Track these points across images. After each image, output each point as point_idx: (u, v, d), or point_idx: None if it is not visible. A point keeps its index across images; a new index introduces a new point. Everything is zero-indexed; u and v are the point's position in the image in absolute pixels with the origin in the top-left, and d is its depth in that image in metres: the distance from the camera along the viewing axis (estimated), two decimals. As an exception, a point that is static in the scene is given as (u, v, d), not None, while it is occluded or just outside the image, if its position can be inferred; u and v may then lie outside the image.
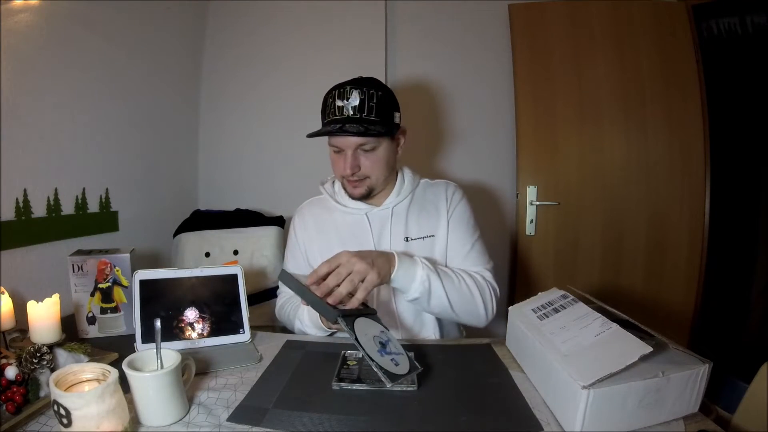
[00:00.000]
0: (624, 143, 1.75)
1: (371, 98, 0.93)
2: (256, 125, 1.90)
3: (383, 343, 0.72)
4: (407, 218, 1.03)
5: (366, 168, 0.97)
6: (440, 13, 1.86)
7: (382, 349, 0.70)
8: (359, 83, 0.94)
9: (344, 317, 0.71)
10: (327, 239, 1.04)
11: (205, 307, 0.89)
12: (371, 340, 0.70)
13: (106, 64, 1.32)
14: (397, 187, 1.05)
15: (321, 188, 1.10)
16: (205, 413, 0.63)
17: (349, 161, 0.95)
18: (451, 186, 1.10)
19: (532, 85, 1.78)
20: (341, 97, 0.93)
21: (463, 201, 1.07)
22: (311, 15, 1.84)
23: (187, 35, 1.80)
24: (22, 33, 1.03)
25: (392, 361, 0.68)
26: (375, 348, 0.69)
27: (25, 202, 1.06)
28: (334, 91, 0.95)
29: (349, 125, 0.90)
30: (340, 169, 0.98)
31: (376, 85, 0.96)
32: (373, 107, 0.93)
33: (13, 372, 0.63)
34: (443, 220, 1.03)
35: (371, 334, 0.72)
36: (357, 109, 0.92)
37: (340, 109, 0.92)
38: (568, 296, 0.79)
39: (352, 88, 0.93)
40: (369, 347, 0.68)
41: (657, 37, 1.71)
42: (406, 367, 0.70)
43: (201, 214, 1.67)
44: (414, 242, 1.01)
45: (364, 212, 1.03)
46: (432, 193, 1.08)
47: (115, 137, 1.39)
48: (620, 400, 0.57)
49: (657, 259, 1.75)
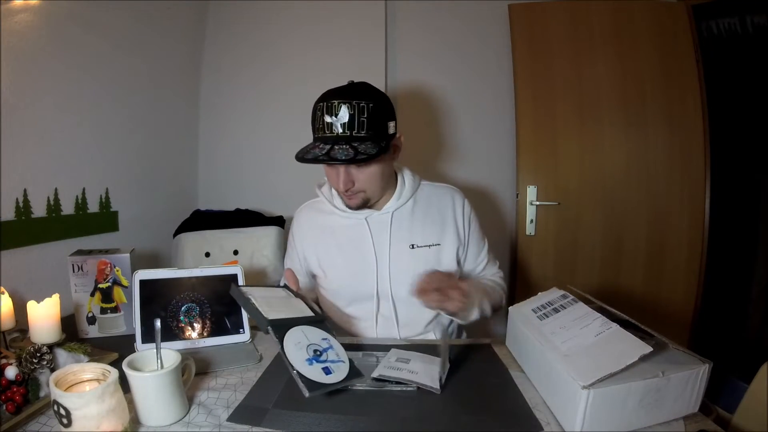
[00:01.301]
0: (624, 143, 1.75)
1: (362, 112, 0.85)
2: (256, 125, 1.91)
3: (319, 351, 0.71)
4: (411, 224, 1.01)
5: (360, 183, 0.92)
6: (440, 13, 1.87)
7: (315, 357, 0.69)
8: (349, 95, 0.87)
9: (277, 327, 0.70)
10: (324, 243, 1.03)
11: (205, 307, 0.89)
12: (303, 349, 0.69)
13: (106, 64, 1.32)
14: (398, 191, 1.02)
15: (318, 191, 1.07)
16: (205, 413, 0.63)
17: (342, 178, 0.90)
18: (458, 195, 1.07)
19: (532, 85, 1.78)
20: (329, 112, 0.85)
21: (473, 212, 1.08)
22: (311, 15, 1.84)
23: (187, 35, 1.80)
24: (22, 33, 1.04)
25: (324, 369, 0.68)
26: (304, 357, 0.68)
27: (25, 202, 1.06)
28: (321, 103, 0.88)
29: (338, 147, 0.84)
30: (333, 183, 0.95)
31: (367, 95, 0.88)
32: (365, 122, 0.85)
33: (13, 372, 0.63)
34: (450, 230, 1.02)
35: (306, 343, 0.71)
36: (347, 126, 0.85)
37: (328, 125, 0.86)
38: (568, 296, 0.79)
39: (340, 103, 0.85)
40: (296, 357, 0.67)
41: (657, 37, 1.71)
42: (343, 375, 0.68)
43: (201, 214, 1.67)
44: (420, 250, 0.99)
45: (364, 217, 1.00)
46: (436, 198, 1.05)
47: (115, 137, 1.39)
48: (620, 400, 0.57)
49: (657, 259, 1.75)
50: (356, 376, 0.70)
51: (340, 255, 1.01)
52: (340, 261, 1.01)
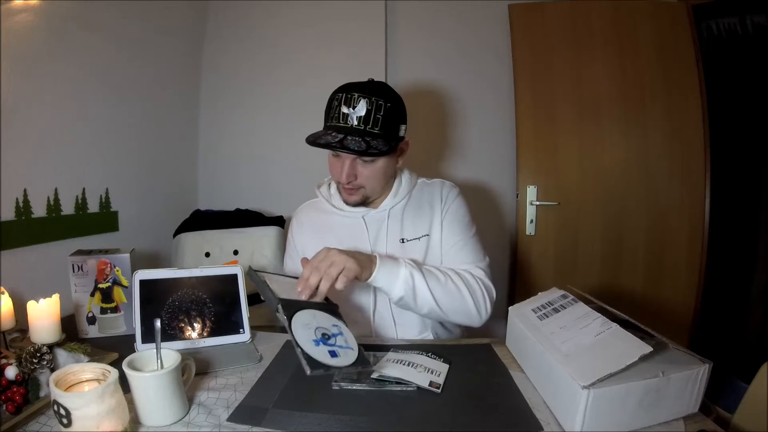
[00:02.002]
0: (624, 143, 1.75)
1: (379, 109, 0.88)
2: (256, 125, 1.91)
3: (328, 335, 0.71)
4: (402, 219, 1.02)
5: (363, 178, 0.95)
6: (440, 12, 1.87)
7: (322, 340, 0.69)
8: (369, 90, 0.89)
9: (287, 306, 0.70)
10: (324, 242, 1.02)
11: (205, 307, 0.89)
12: (311, 330, 0.70)
13: (105, 64, 1.32)
14: (395, 189, 1.04)
15: (317, 191, 1.09)
16: (205, 413, 0.63)
17: (345, 170, 0.92)
18: (447, 185, 1.08)
19: (532, 86, 1.78)
20: (347, 104, 0.88)
21: (459, 199, 1.06)
22: (311, 15, 1.84)
23: (187, 35, 1.80)
24: (22, 33, 1.04)
25: (330, 353, 0.67)
26: (311, 337, 0.68)
27: (25, 202, 1.06)
28: (341, 94, 0.90)
29: (351, 138, 0.87)
30: (336, 174, 0.97)
31: (386, 95, 0.91)
32: (380, 119, 0.88)
33: (13, 372, 0.63)
34: (437, 218, 1.03)
35: (316, 326, 0.71)
36: (362, 120, 0.88)
37: (344, 116, 0.88)
38: (568, 296, 0.79)
39: (360, 96, 0.88)
40: (303, 336, 0.67)
41: (657, 37, 1.71)
42: (350, 361, 0.68)
43: (201, 214, 1.67)
44: (409, 243, 1.00)
45: (361, 215, 1.02)
46: (428, 193, 1.07)
47: (115, 137, 1.39)
48: (620, 400, 0.57)
49: (657, 259, 1.75)
50: (364, 363, 0.69)
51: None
52: None
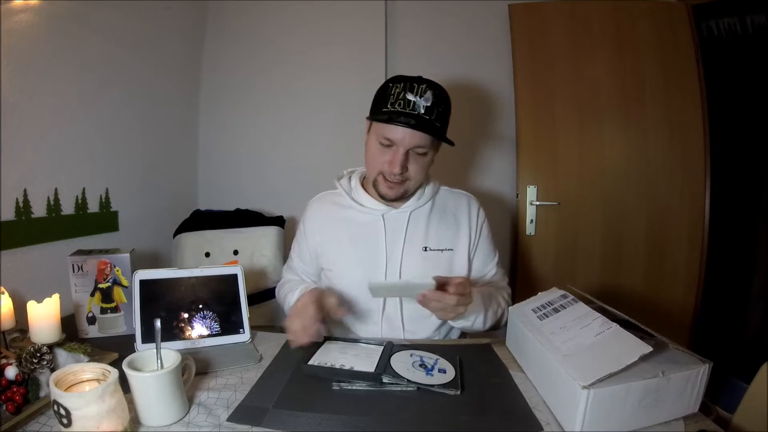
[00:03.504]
0: (624, 143, 1.75)
1: (440, 103, 0.90)
2: (256, 125, 1.90)
3: (422, 364, 0.75)
4: (427, 226, 1.01)
5: (412, 170, 0.94)
6: (440, 12, 1.86)
7: (427, 370, 0.73)
8: (432, 84, 0.91)
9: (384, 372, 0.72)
10: (336, 237, 1.02)
11: (205, 307, 0.89)
12: (415, 369, 0.73)
13: (106, 63, 1.32)
14: (419, 191, 1.03)
15: (336, 183, 1.07)
16: (205, 413, 0.63)
17: (399, 159, 0.90)
18: (474, 202, 1.09)
19: (532, 86, 1.78)
20: (414, 92, 0.88)
21: (486, 221, 1.09)
22: (311, 15, 1.84)
23: (187, 35, 1.80)
24: (22, 33, 1.03)
25: (440, 371, 0.72)
26: (422, 373, 0.71)
27: (25, 202, 1.06)
28: (404, 82, 0.90)
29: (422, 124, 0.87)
30: (381, 164, 0.94)
31: (445, 94, 0.93)
32: (441, 114, 0.90)
33: (13, 372, 0.63)
34: (463, 235, 1.02)
35: (409, 363, 0.75)
36: (428, 110, 0.88)
37: (410, 103, 0.87)
38: (568, 296, 0.79)
39: (427, 87, 0.89)
40: (417, 376, 0.70)
41: (657, 37, 1.71)
42: (452, 367, 0.73)
43: (201, 214, 1.67)
44: (432, 254, 0.99)
45: (381, 213, 1.00)
46: (453, 203, 1.06)
47: (115, 137, 1.39)
48: (620, 400, 0.57)
49: (657, 259, 1.75)
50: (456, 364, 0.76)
51: (352, 250, 1.00)
52: (350, 256, 1.00)
